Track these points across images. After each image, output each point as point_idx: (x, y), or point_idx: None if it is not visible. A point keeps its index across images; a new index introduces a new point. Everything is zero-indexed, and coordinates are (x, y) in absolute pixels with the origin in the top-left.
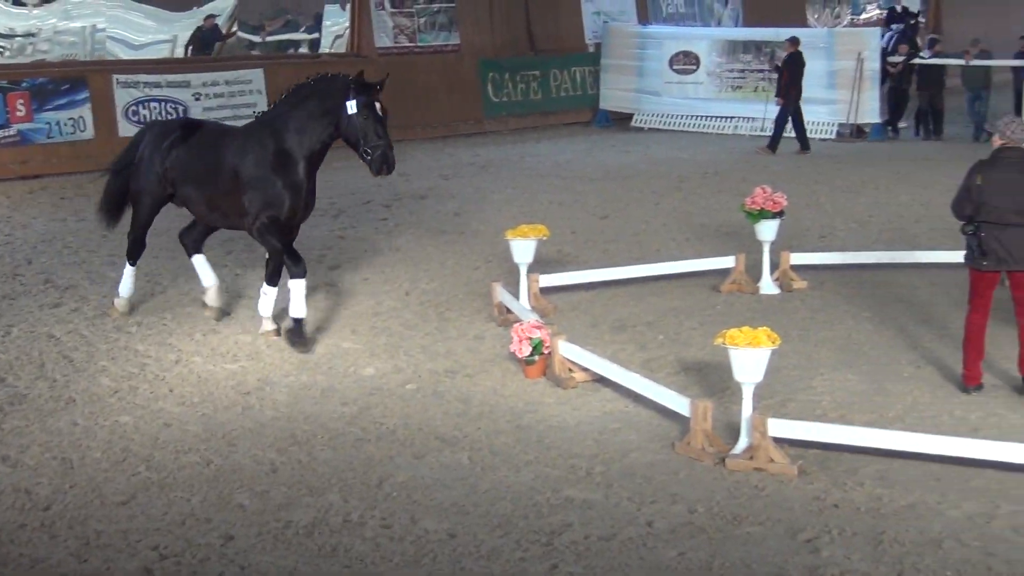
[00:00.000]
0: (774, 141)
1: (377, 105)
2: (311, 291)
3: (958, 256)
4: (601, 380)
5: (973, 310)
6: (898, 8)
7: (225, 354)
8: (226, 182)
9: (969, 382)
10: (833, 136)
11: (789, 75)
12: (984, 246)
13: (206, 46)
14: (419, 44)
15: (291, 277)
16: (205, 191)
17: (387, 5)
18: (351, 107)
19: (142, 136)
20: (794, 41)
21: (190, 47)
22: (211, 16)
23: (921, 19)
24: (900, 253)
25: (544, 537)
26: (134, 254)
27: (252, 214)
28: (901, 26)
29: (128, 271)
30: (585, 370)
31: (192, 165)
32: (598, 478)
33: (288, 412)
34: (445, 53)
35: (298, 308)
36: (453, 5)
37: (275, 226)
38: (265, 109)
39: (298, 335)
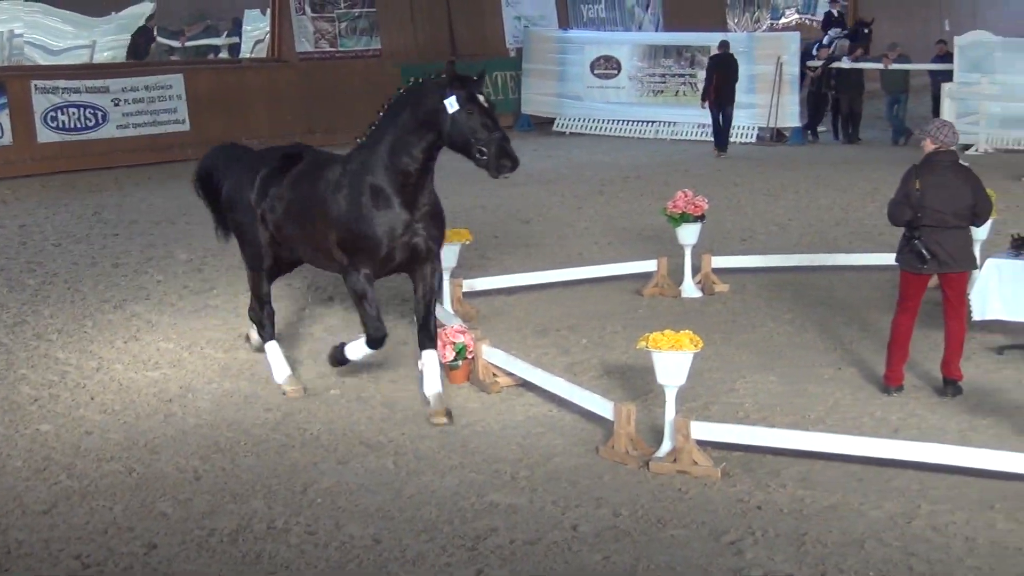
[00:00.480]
0: (719, 142)
1: (480, 97)
2: (233, 297)
3: (877, 259)
4: (525, 384)
5: (901, 312)
6: (834, 12)
7: (147, 361)
8: (320, 221)
9: (891, 383)
10: (753, 140)
11: (720, 76)
12: (929, 250)
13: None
14: (340, 49)
15: (365, 339)
16: (305, 231)
17: (308, 10)
18: (451, 105)
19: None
20: (724, 44)
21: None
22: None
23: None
24: (820, 256)
25: (469, 542)
26: (268, 323)
27: (341, 249)
28: (838, 30)
29: (271, 349)
30: (509, 374)
31: (292, 203)
32: (523, 482)
33: (211, 419)
34: (366, 58)
35: (355, 352)
36: (374, 10)
37: (367, 273)
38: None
39: (338, 356)
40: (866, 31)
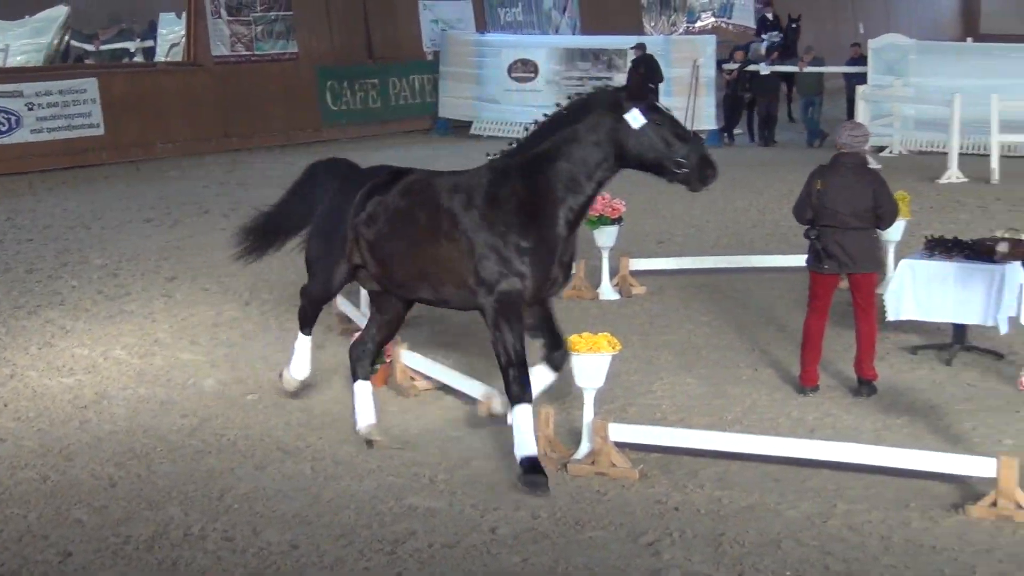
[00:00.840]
0: None
1: (661, 105)
2: (149, 302)
3: (793, 260)
4: (443, 388)
5: (812, 312)
6: (769, 16)
7: (61, 368)
8: (450, 245)
9: (806, 383)
10: None
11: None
12: (826, 250)
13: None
14: (256, 52)
15: (512, 400)
16: (417, 258)
17: (223, 13)
18: (635, 119)
19: (316, 179)
20: (641, 46)
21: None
22: None
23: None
24: (736, 258)
25: (388, 546)
26: (309, 320)
27: (485, 289)
28: (775, 33)
29: (302, 343)
30: (427, 378)
31: (400, 225)
32: (441, 486)
33: (127, 426)
34: (283, 61)
35: (526, 441)
36: (290, 13)
37: (517, 306)
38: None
39: (534, 477)
40: (794, 25)
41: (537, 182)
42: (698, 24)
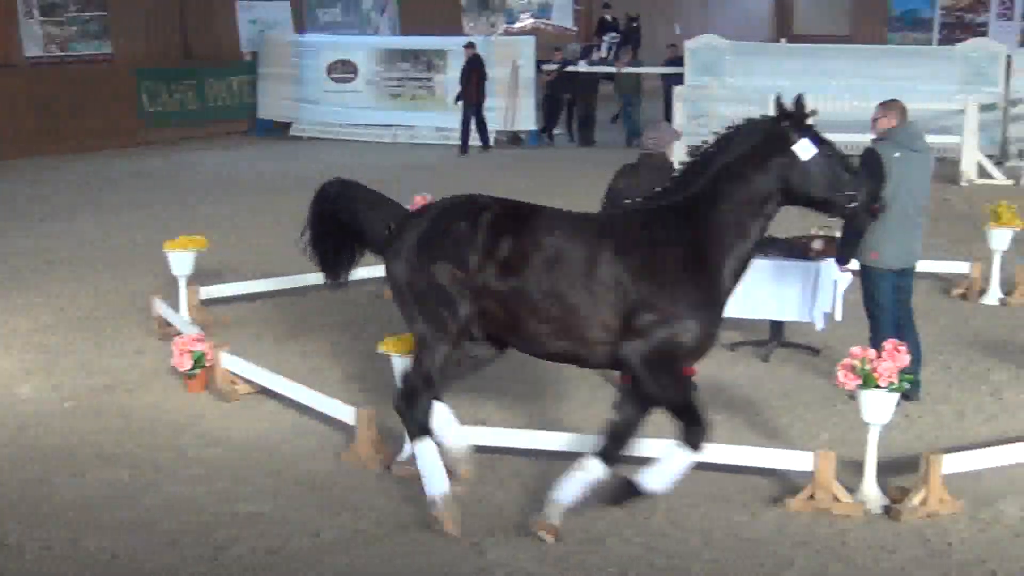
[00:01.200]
0: (463, 144)
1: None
2: None
3: None
4: (266, 392)
5: None
6: (608, 18)
7: None
8: (604, 294)
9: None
10: (491, 143)
11: (475, 77)
12: None
13: None
14: (71, 53)
15: (684, 446)
16: (558, 308)
17: (36, 13)
18: (804, 150)
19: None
20: (472, 45)
21: None
22: None
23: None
24: None
25: (211, 552)
26: (424, 412)
27: (641, 340)
28: (614, 34)
29: (424, 449)
30: (249, 382)
31: (543, 270)
32: (265, 490)
33: None
34: (98, 62)
35: (661, 479)
36: (105, 14)
37: (674, 362)
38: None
39: (622, 496)
40: (634, 24)
41: (701, 226)
42: (517, 25)
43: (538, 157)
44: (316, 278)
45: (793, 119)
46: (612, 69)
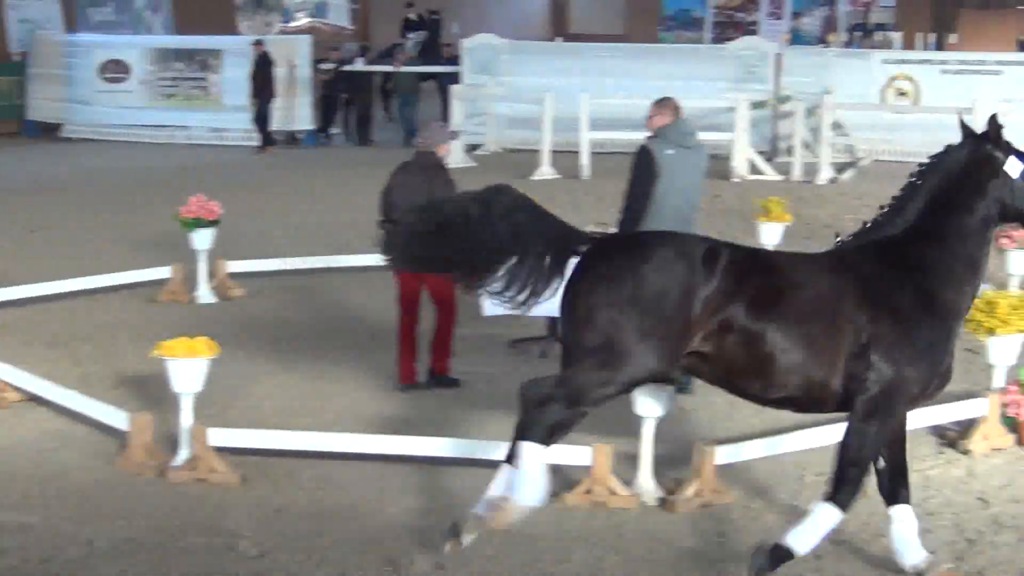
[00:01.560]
0: (265, 139)
1: None
2: None
3: None
4: (36, 399)
5: (403, 310)
6: (412, 16)
7: None
8: (832, 332)
9: (405, 380)
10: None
11: (264, 76)
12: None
13: None
14: None
15: (832, 504)
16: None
17: None
18: (1014, 168)
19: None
20: (259, 43)
21: None
22: None
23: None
24: (334, 258)
25: None
26: (562, 425)
27: (874, 376)
28: (420, 32)
29: (533, 454)
30: (18, 389)
31: (768, 307)
32: (35, 500)
33: None
34: None
35: (807, 539)
36: None
37: (899, 403)
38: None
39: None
40: (435, 18)
41: (931, 262)
42: (293, 24)
43: (316, 156)
44: (85, 283)
45: (995, 139)
46: (390, 68)
